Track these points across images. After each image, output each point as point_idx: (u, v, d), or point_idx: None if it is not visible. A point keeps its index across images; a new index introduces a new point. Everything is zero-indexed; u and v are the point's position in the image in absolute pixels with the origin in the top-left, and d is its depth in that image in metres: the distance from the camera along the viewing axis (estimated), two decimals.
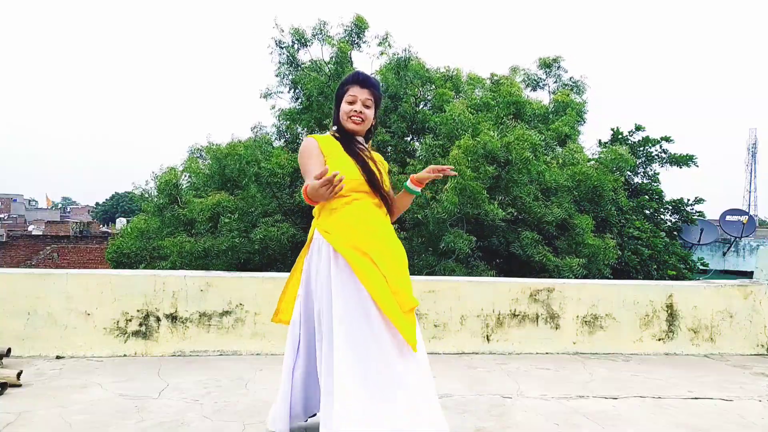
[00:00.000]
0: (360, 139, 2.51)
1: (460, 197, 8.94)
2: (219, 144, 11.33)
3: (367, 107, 2.44)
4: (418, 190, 2.52)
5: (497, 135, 9.64)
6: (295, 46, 11.94)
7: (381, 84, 11.57)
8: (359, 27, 11.87)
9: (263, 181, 10.15)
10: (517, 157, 9.38)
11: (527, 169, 9.66)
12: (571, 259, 9.66)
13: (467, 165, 9.06)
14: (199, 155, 12.14)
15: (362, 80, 2.45)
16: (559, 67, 13.01)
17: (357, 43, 12.03)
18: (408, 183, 2.52)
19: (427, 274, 8.81)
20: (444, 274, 8.69)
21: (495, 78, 12.70)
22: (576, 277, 9.33)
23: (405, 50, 11.51)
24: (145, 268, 10.49)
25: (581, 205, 11.40)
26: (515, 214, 9.88)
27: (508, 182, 9.89)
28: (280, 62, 11.96)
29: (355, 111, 2.42)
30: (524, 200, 9.93)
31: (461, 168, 8.88)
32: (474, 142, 9.17)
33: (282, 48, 11.88)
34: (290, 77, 12.06)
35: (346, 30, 11.92)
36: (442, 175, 2.44)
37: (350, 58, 11.83)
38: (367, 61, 15.40)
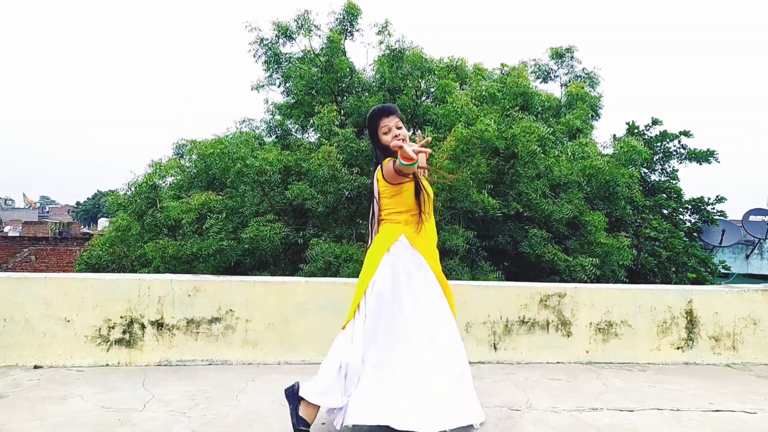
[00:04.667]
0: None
1: (442, 194, 8.99)
2: (205, 139, 11.28)
3: (399, 128, 3.04)
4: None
5: (503, 125, 9.62)
6: (280, 40, 11.91)
7: (377, 76, 11.63)
8: (351, 14, 11.83)
9: (249, 180, 10.13)
10: (522, 150, 9.36)
11: (534, 163, 9.64)
12: (584, 258, 9.66)
13: (450, 156, 9.06)
14: (179, 154, 12.07)
15: (385, 111, 3.09)
16: (572, 58, 13.02)
17: (350, 32, 12.01)
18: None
19: None
20: (445, 274, 8.68)
21: (504, 69, 12.70)
22: (589, 278, 9.34)
23: (398, 41, 11.47)
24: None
25: (593, 203, 11.41)
26: (521, 210, 9.88)
27: (513, 177, 9.88)
28: (265, 61, 11.94)
29: (396, 135, 3.00)
30: (531, 196, 9.92)
31: (442, 162, 8.87)
32: (469, 132, 9.14)
33: (264, 45, 11.83)
34: (280, 72, 12.06)
35: (337, 18, 11.89)
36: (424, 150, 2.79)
37: (343, 47, 11.82)
38: (362, 50, 15.45)
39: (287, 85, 12.24)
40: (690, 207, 14.89)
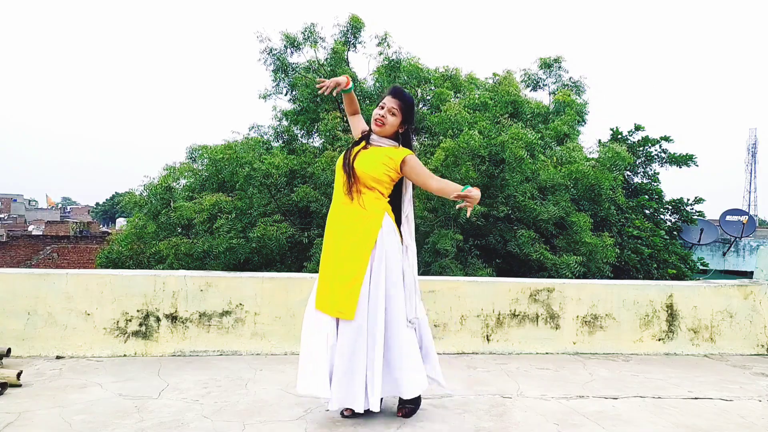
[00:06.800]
0: (377, 137, 2.84)
1: (428, 203, 9.11)
2: (216, 144, 11.28)
3: (392, 114, 2.79)
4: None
5: (494, 132, 9.64)
6: (288, 50, 11.89)
7: (377, 86, 11.61)
8: (355, 27, 11.83)
9: (257, 182, 10.13)
10: (510, 156, 9.38)
11: (521, 168, 9.66)
12: (569, 256, 9.66)
13: (439, 165, 9.19)
14: (192, 158, 12.06)
15: (393, 91, 2.84)
16: (559, 68, 12.99)
17: (353, 44, 12.00)
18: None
19: (423, 273, 8.82)
20: (439, 273, 8.71)
21: (496, 77, 12.69)
22: (574, 275, 9.33)
23: (396, 52, 11.47)
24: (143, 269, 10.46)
25: (580, 204, 11.39)
26: (509, 212, 9.90)
27: (502, 181, 9.90)
28: (273, 70, 11.92)
29: (380, 115, 2.79)
30: (519, 199, 9.94)
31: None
32: (455, 143, 9.21)
33: (273, 55, 11.82)
34: (287, 80, 12.05)
35: (341, 30, 11.88)
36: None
37: (346, 58, 11.81)
38: (364, 61, 15.46)
39: (293, 93, 12.22)
40: (670, 207, 14.88)
